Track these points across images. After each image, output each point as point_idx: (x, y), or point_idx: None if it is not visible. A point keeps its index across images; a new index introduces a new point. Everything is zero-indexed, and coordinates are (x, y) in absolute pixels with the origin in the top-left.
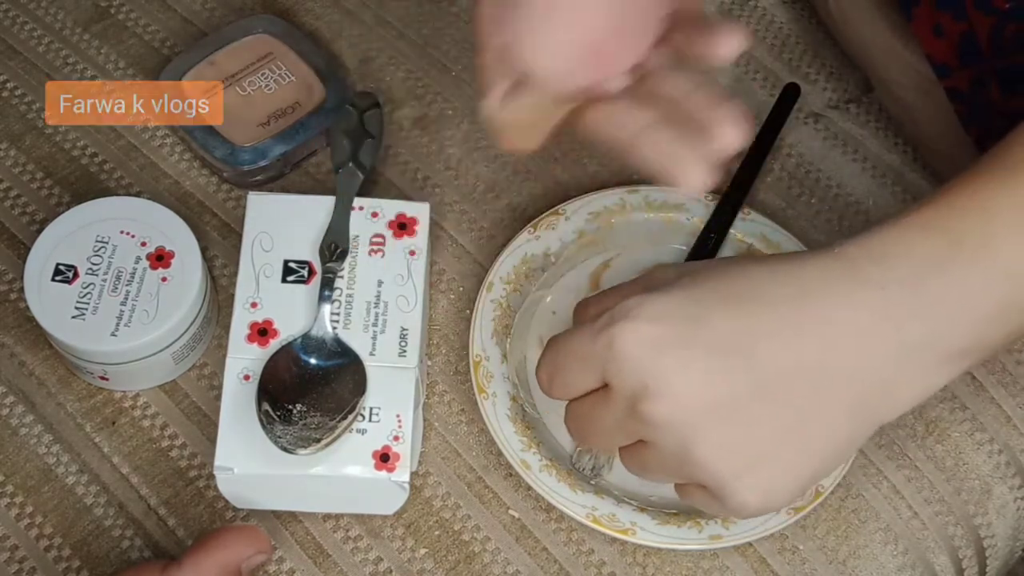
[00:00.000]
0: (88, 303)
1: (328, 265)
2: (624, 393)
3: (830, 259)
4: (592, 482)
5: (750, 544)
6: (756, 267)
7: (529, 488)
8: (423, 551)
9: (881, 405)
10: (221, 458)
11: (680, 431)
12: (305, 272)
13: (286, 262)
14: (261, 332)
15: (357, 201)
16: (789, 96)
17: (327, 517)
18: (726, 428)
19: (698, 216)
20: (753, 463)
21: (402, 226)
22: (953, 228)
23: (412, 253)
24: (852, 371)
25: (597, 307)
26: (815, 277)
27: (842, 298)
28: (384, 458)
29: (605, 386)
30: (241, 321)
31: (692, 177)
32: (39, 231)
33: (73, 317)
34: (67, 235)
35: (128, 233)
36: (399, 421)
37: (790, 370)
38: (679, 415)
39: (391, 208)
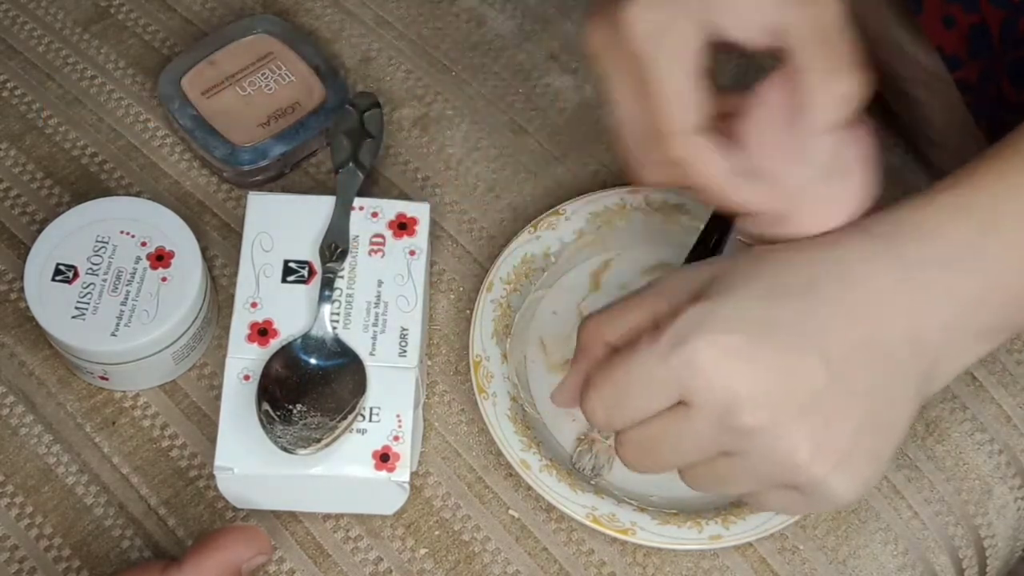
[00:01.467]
0: (88, 303)
1: (328, 265)
2: (713, 409)
3: (867, 240)
4: (592, 482)
5: (750, 544)
6: (793, 256)
7: (529, 488)
8: (423, 551)
9: (933, 380)
10: (221, 458)
11: (777, 436)
12: (305, 272)
13: (286, 262)
14: (261, 332)
15: (357, 201)
16: None
17: (327, 517)
18: (818, 426)
19: (698, 216)
20: (847, 454)
21: (402, 226)
22: (983, 208)
23: (412, 253)
24: (910, 345)
25: (623, 322)
26: (856, 259)
27: (886, 277)
28: (384, 458)
29: (681, 407)
30: (241, 321)
31: None
32: (39, 231)
33: (73, 317)
34: (67, 235)
35: (128, 233)
36: (399, 421)
37: (856, 352)
38: (775, 419)
39: (391, 208)
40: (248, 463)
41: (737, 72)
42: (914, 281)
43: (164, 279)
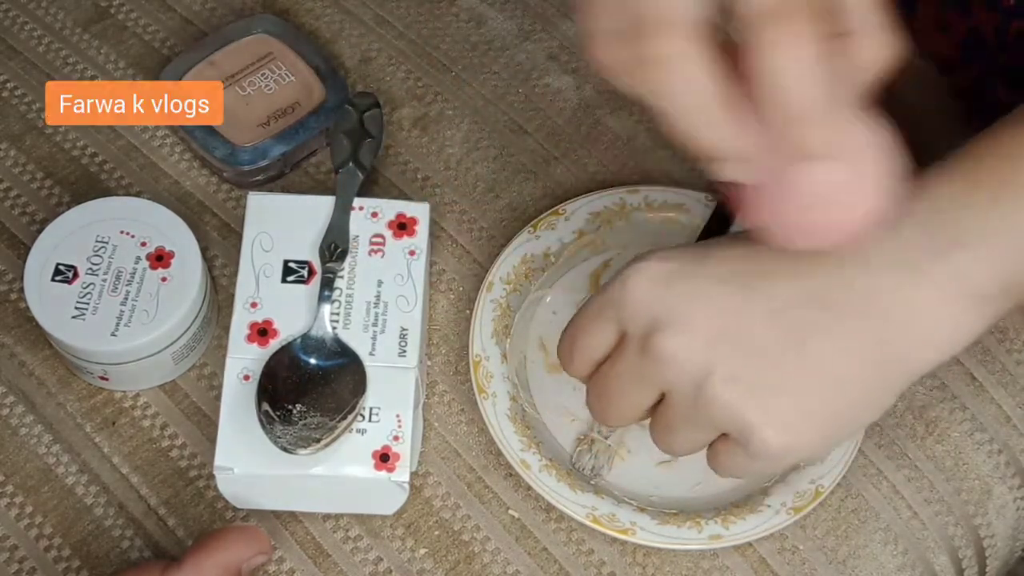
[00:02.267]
0: (88, 303)
1: (328, 265)
2: (637, 332)
3: None
4: (592, 482)
5: (750, 544)
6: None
7: (529, 488)
8: (423, 551)
9: (910, 350)
10: (221, 458)
11: (692, 363)
12: (305, 272)
13: (286, 262)
14: (261, 332)
15: (357, 201)
16: None
17: (327, 517)
18: (739, 359)
19: (698, 216)
20: (770, 396)
21: (402, 226)
22: (973, 171)
23: (412, 253)
24: (869, 307)
25: None
26: None
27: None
28: (384, 458)
29: (620, 342)
30: (241, 321)
31: None
32: (39, 231)
33: (73, 317)
34: (67, 235)
35: (128, 233)
36: (399, 421)
37: (802, 302)
38: (690, 345)
39: (391, 208)
40: (248, 463)
41: None
42: (889, 241)
43: (164, 279)
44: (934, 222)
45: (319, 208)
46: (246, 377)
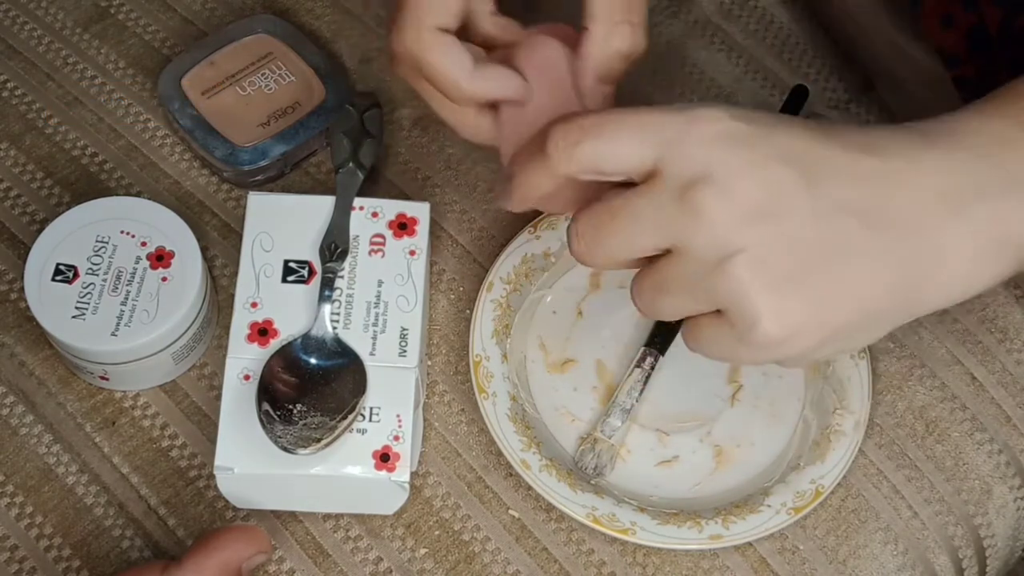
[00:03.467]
0: (88, 303)
1: (328, 265)
2: (679, 177)
3: (900, 128)
4: (593, 481)
5: (750, 544)
6: (831, 122)
7: (529, 488)
8: (423, 551)
9: (926, 282)
10: (221, 458)
11: (726, 231)
12: (305, 272)
13: (286, 262)
14: (261, 332)
15: (357, 201)
16: (797, 97)
17: (327, 517)
18: (773, 244)
19: None
20: (787, 287)
21: (402, 226)
22: (1020, 113)
23: (412, 253)
24: (908, 232)
25: None
26: (884, 135)
27: (907, 155)
28: (384, 458)
29: (650, 175)
30: (241, 321)
31: None
32: (39, 231)
33: (73, 317)
34: (67, 235)
35: (128, 233)
36: (399, 421)
37: (844, 206)
38: (732, 211)
39: (391, 208)
40: (248, 463)
41: None
42: (936, 168)
43: (164, 279)
44: (983, 160)
45: (319, 208)
46: (246, 377)
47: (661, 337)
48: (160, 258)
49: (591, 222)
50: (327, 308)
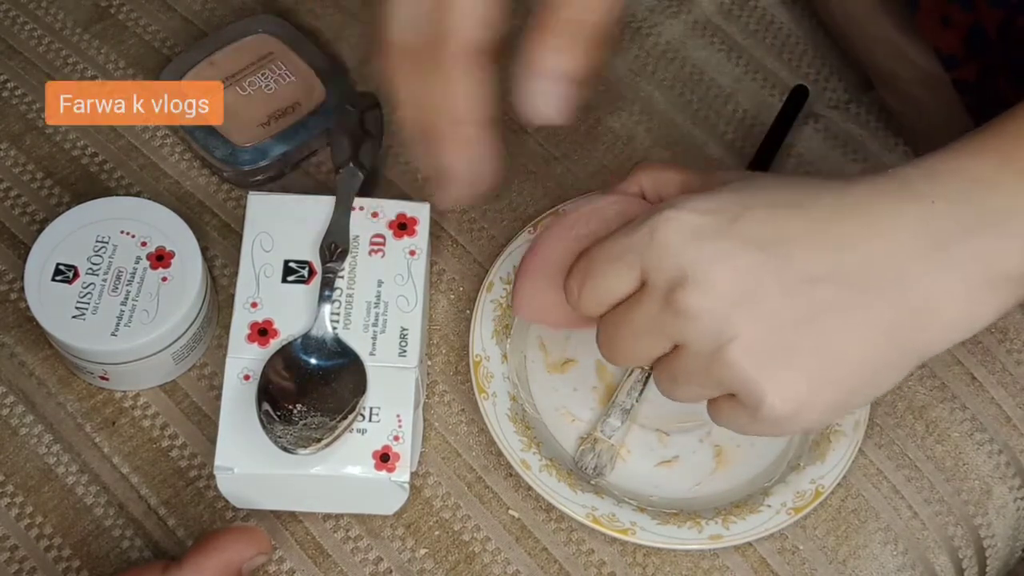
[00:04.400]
0: (88, 303)
1: (328, 265)
2: (661, 284)
3: (881, 177)
4: (593, 482)
5: (750, 544)
6: (807, 181)
7: (529, 488)
8: (423, 551)
9: (924, 329)
10: (221, 458)
11: (714, 324)
12: (305, 272)
13: (286, 262)
14: (261, 332)
15: (357, 201)
16: (797, 98)
17: (327, 517)
18: (759, 325)
19: None
20: (784, 364)
21: (402, 226)
22: (1004, 149)
23: (412, 253)
24: (892, 286)
25: (658, 176)
26: (863, 191)
27: (888, 209)
28: (384, 458)
29: (640, 289)
30: (241, 321)
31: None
32: (39, 231)
33: (73, 317)
34: (67, 235)
35: (128, 233)
36: (399, 421)
37: (826, 276)
38: (714, 306)
39: (391, 208)
40: (248, 463)
41: None
42: (916, 214)
43: (164, 279)
44: (964, 200)
45: (319, 208)
46: (246, 377)
47: None
48: (160, 258)
49: (606, 334)
50: (327, 308)
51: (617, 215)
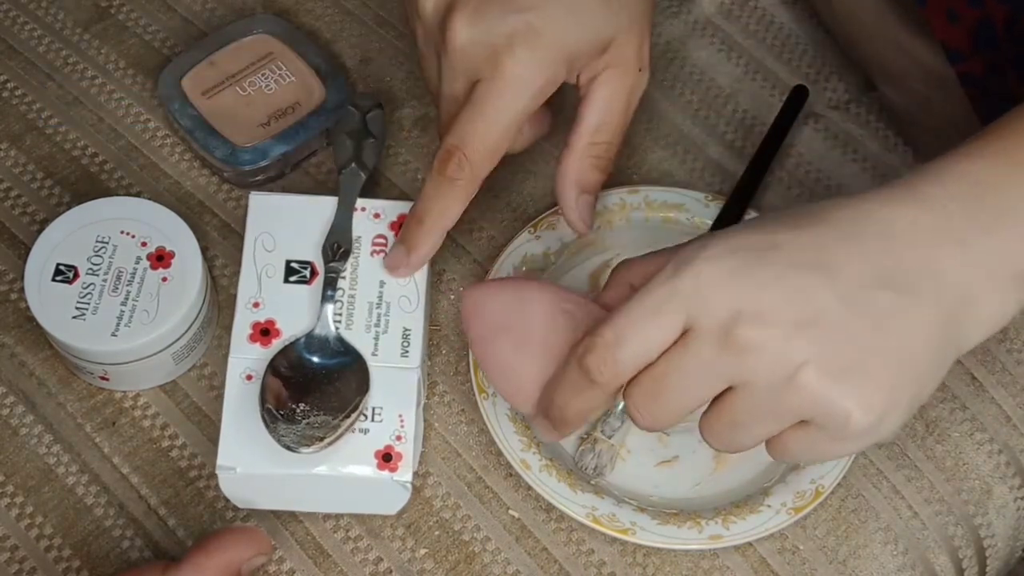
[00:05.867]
0: (88, 303)
1: (331, 265)
2: (713, 327)
3: (888, 187)
4: (593, 482)
5: (750, 544)
6: (812, 205)
7: (529, 488)
8: (423, 551)
9: (963, 324)
10: (223, 457)
11: (780, 352)
12: (307, 272)
13: (288, 262)
14: (263, 332)
15: (359, 202)
16: (797, 98)
17: (327, 517)
18: (826, 344)
19: (698, 216)
20: (860, 376)
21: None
22: (1010, 150)
23: None
24: (931, 286)
25: (649, 267)
26: (877, 203)
27: (904, 218)
28: (386, 458)
29: (682, 338)
30: (243, 321)
31: None
32: (39, 231)
33: (73, 317)
34: (67, 235)
35: (128, 233)
36: (401, 421)
37: (870, 280)
38: (777, 335)
39: (393, 209)
40: (250, 463)
41: None
42: (933, 217)
43: (164, 279)
44: (976, 200)
45: (321, 208)
46: (248, 377)
47: None
48: (160, 258)
49: (646, 394)
50: (330, 307)
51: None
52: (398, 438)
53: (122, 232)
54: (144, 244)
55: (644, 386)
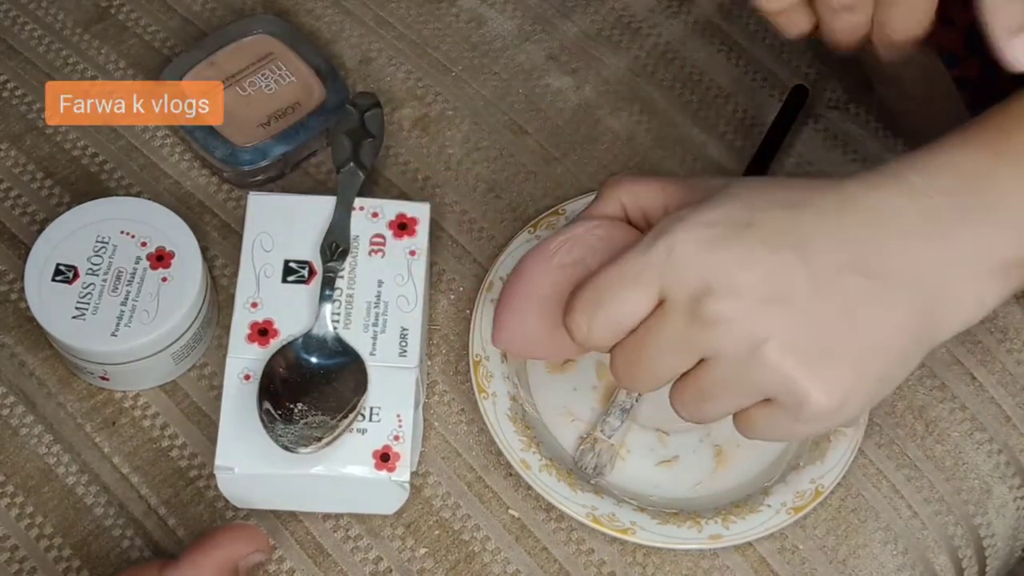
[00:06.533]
0: (88, 303)
1: (329, 264)
2: (683, 299)
3: (874, 173)
4: (593, 481)
5: (750, 544)
6: (799, 181)
7: (529, 488)
8: (423, 551)
9: (938, 314)
10: (222, 458)
11: (746, 327)
12: (305, 272)
13: (286, 262)
14: (262, 332)
15: (357, 201)
16: (797, 98)
17: (327, 517)
18: (792, 323)
19: None
20: (823, 358)
21: (402, 226)
22: (996, 141)
23: (412, 253)
24: (907, 274)
25: (634, 187)
26: (861, 188)
27: (888, 205)
28: (384, 458)
29: (657, 309)
30: (241, 321)
31: None
32: (39, 231)
33: (73, 317)
34: (67, 235)
35: (128, 233)
36: (399, 421)
37: (844, 266)
38: (744, 308)
39: (391, 208)
40: (249, 463)
41: None
42: (916, 206)
43: (164, 279)
44: (960, 191)
45: (320, 208)
46: (247, 377)
47: None
48: (160, 258)
49: (627, 360)
50: (328, 307)
51: (601, 241)
52: (396, 438)
53: (122, 232)
54: (144, 244)
55: (625, 352)
